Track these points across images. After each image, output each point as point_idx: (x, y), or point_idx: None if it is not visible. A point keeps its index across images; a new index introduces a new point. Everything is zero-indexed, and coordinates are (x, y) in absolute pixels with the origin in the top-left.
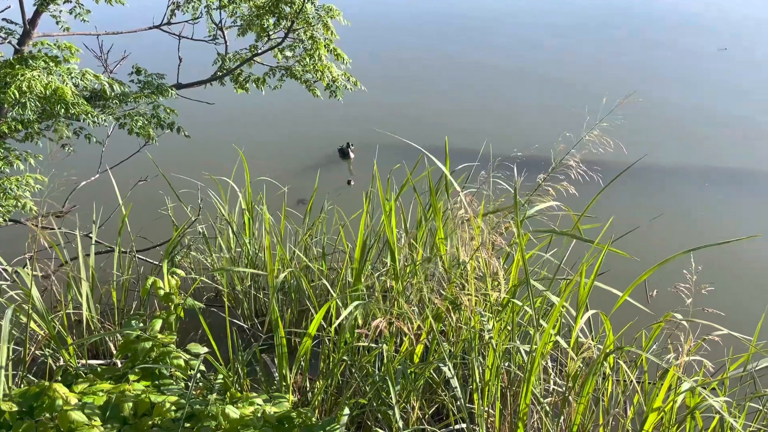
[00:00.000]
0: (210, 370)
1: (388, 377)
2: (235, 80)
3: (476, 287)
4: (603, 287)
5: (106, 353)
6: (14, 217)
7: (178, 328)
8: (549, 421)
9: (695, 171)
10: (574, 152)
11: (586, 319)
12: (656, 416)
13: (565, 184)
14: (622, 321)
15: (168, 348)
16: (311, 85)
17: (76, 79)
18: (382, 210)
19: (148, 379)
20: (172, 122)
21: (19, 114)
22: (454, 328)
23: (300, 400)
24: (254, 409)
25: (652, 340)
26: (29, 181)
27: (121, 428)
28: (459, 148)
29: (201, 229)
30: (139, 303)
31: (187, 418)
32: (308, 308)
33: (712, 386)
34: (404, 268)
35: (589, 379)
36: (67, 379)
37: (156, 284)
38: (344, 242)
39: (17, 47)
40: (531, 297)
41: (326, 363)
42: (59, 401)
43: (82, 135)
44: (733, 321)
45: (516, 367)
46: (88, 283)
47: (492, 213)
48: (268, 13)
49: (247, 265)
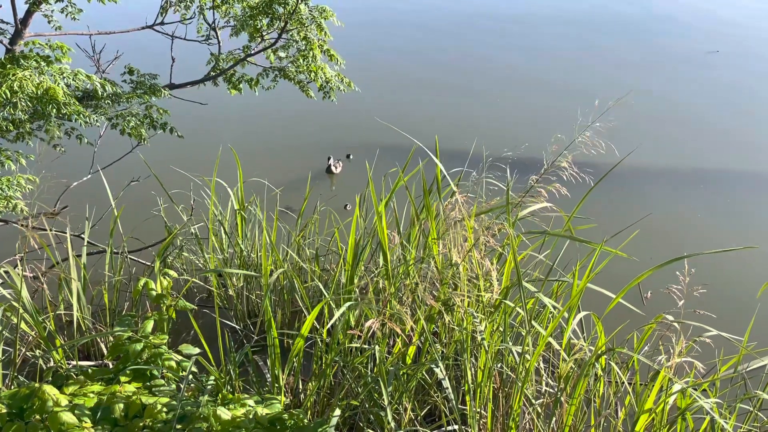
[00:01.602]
0: (202, 372)
1: (381, 378)
2: (228, 81)
3: (469, 288)
4: (596, 289)
5: (97, 354)
6: (4, 217)
7: (170, 329)
8: (541, 423)
9: (689, 173)
10: (566, 153)
11: (579, 320)
12: (647, 417)
13: (557, 186)
14: (615, 323)
15: (159, 349)
16: (305, 86)
17: (68, 79)
18: (375, 210)
19: (140, 381)
20: (165, 122)
21: (10, 114)
22: (447, 329)
23: (292, 401)
24: (246, 410)
25: (644, 342)
26: (20, 181)
27: (112, 430)
28: (450, 149)
29: (193, 229)
30: (130, 304)
31: (179, 420)
32: (301, 309)
33: (702, 388)
34: (397, 268)
35: (580, 380)
36: (58, 381)
37: (148, 285)
38: (338, 244)
39: (8, 47)
40: (523, 298)
41: (318, 364)
42: (50, 403)
43: (74, 135)
44: (725, 323)
45: (508, 369)
46: (79, 284)
47: (484, 213)
48: (261, 14)
49: (240, 266)
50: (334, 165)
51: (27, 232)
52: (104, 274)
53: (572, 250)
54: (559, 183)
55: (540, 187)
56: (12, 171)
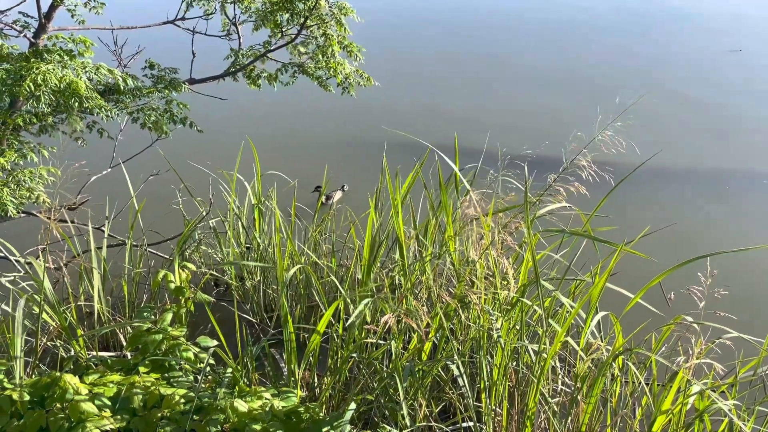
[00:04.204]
0: (219, 364)
1: (396, 374)
2: (247, 76)
3: (485, 286)
4: (615, 289)
5: (116, 345)
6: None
7: (188, 321)
8: (556, 421)
9: (710, 173)
10: (585, 152)
11: (597, 320)
12: (665, 418)
13: (577, 185)
14: (634, 323)
15: (178, 341)
16: (323, 82)
17: (90, 73)
18: (391, 205)
19: (158, 372)
20: (185, 117)
21: (33, 107)
22: (463, 326)
23: (308, 395)
24: (262, 403)
25: (662, 343)
26: (42, 173)
27: (130, 420)
28: (468, 146)
29: (211, 223)
30: (149, 296)
31: (196, 411)
32: (317, 304)
33: (721, 389)
34: (413, 264)
35: (597, 379)
36: (78, 370)
37: (167, 277)
38: (354, 240)
39: (32, 41)
40: (540, 296)
41: (334, 359)
42: (70, 392)
43: (95, 129)
44: (745, 325)
45: (524, 367)
46: (100, 276)
47: (501, 212)
48: (281, 9)
49: (257, 260)
50: (328, 195)
51: (50, 224)
52: (123, 266)
53: (590, 251)
54: (578, 182)
55: (559, 185)
56: (35, 163)
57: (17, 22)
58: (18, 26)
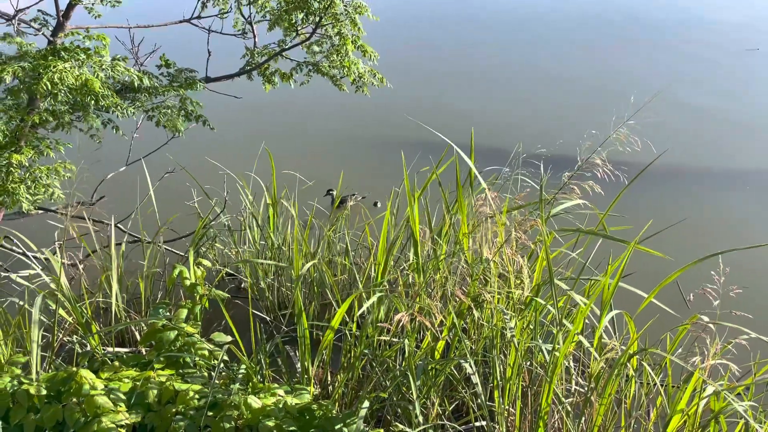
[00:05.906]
0: (233, 361)
1: (409, 372)
2: (262, 75)
3: (499, 285)
4: (630, 289)
5: (131, 341)
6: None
7: (202, 318)
8: (570, 422)
9: (724, 172)
10: (600, 151)
11: (611, 319)
12: (679, 419)
13: (591, 183)
14: (651, 324)
15: (192, 338)
16: (338, 81)
17: (107, 71)
18: (407, 202)
19: (173, 368)
20: (200, 115)
21: (50, 104)
22: (476, 325)
23: (321, 392)
24: (276, 400)
25: (677, 343)
26: (59, 170)
27: (145, 415)
28: (483, 145)
29: (226, 221)
30: (164, 293)
31: (210, 407)
32: (330, 302)
33: (737, 391)
34: (427, 262)
35: (611, 380)
36: (94, 365)
37: (182, 274)
38: (368, 238)
39: (50, 38)
40: (555, 296)
41: (347, 357)
42: (86, 386)
43: (110, 127)
44: (762, 325)
45: (538, 366)
46: (116, 272)
47: (516, 210)
48: (297, 8)
49: (271, 258)
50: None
51: (66, 221)
52: (139, 263)
53: (607, 249)
54: (593, 180)
55: (573, 184)
56: (52, 160)
57: (36, 20)
58: (36, 24)
